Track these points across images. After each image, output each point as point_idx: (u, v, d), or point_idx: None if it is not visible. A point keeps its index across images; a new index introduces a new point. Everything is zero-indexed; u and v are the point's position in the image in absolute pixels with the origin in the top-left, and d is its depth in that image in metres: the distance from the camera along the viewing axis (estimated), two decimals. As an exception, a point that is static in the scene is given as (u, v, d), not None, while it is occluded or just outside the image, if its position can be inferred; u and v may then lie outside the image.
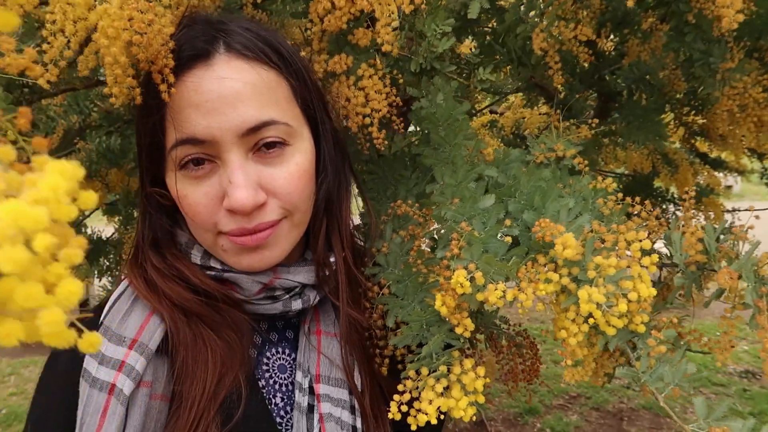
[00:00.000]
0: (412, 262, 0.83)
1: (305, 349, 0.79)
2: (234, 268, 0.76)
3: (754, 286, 0.78)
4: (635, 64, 1.37)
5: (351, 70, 0.85)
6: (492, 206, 0.81)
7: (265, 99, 0.70)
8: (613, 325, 0.68)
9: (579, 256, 0.71)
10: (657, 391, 0.69)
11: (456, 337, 0.76)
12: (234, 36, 0.71)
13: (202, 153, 0.69)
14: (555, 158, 0.96)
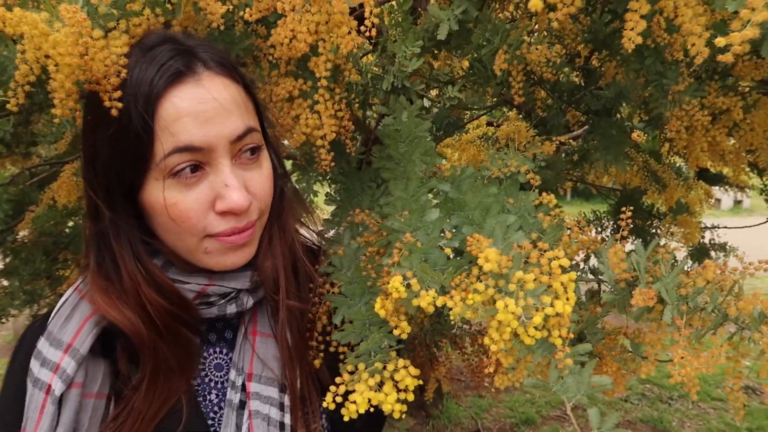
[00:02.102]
0: (362, 266, 0.88)
1: (241, 349, 0.83)
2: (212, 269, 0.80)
3: (675, 305, 0.81)
4: (611, 84, 1.41)
5: (308, 93, 0.90)
6: (437, 219, 0.86)
7: (243, 109, 0.77)
8: (531, 336, 0.72)
9: (506, 269, 0.75)
10: (567, 400, 0.73)
11: (394, 338, 0.82)
12: (204, 55, 0.75)
13: (196, 160, 0.73)
14: (510, 174, 1.01)
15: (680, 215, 2.04)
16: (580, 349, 0.76)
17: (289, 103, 0.89)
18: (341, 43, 0.82)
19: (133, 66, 0.71)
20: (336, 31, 0.83)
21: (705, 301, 0.82)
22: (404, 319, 0.79)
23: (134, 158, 0.73)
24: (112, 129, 0.72)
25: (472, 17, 1.08)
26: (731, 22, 0.66)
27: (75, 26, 0.62)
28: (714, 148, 1.30)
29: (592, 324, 0.93)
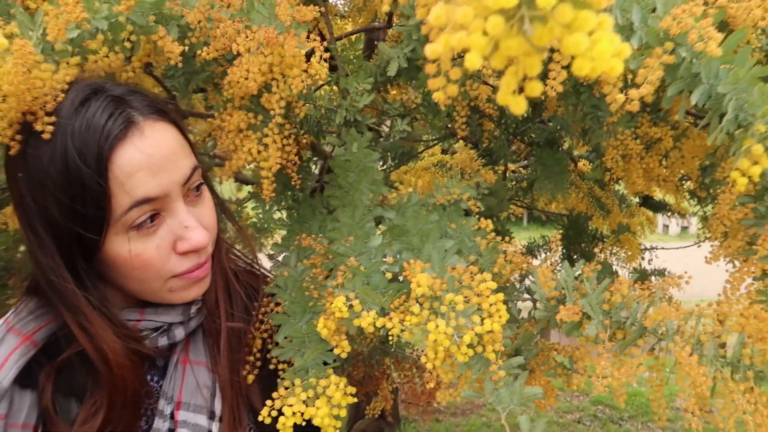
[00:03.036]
0: (306, 287, 0.91)
1: (172, 378, 0.83)
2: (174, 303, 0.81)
3: (599, 319, 0.87)
4: (553, 117, 1.48)
5: (258, 127, 0.93)
6: (379, 245, 0.90)
7: (186, 150, 0.78)
8: (465, 353, 0.76)
9: (440, 292, 0.79)
10: (501, 410, 0.77)
11: (331, 355, 0.85)
12: (138, 104, 0.74)
13: (154, 209, 0.73)
14: (453, 201, 1.06)
15: (622, 234, 2.13)
16: (513, 362, 0.80)
17: (240, 134, 0.92)
18: (292, 84, 0.85)
19: (70, 124, 0.69)
20: (288, 72, 0.87)
21: (626, 316, 0.88)
22: (345, 339, 0.82)
23: (91, 220, 0.71)
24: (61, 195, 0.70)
25: (420, 55, 1.13)
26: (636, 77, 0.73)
27: (21, 58, 0.64)
28: (649, 175, 1.38)
29: (528, 340, 0.97)
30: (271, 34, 0.83)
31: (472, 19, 0.29)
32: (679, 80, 0.74)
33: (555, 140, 1.56)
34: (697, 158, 1.34)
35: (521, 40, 0.30)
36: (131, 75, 0.86)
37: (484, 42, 0.29)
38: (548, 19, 0.30)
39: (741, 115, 0.69)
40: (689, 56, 0.71)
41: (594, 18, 0.29)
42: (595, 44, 0.29)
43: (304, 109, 0.95)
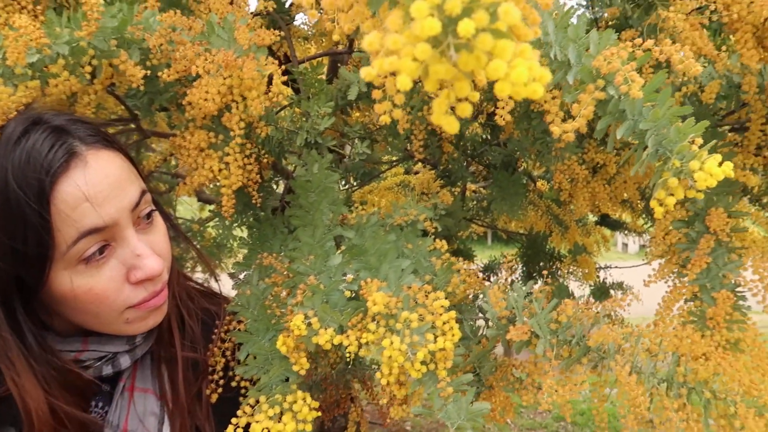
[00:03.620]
0: (268, 305, 0.93)
1: (117, 405, 0.81)
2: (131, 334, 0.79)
3: (546, 338, 0.91)
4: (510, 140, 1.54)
5: (219, 146, 0.96)
6: (339, 264, 0.93)
7: (132, 176, 0.76)
8: (418, 370, 0.79)
9: (395, 310, 0.82)
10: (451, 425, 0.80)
11: (294, 372, 0.86)
12: (80, 133, 0.73)
13: (103, 239, 0.71)
14: (411, 221, 1.09)
15: (579, 255, 2.20)
16: (463, 379, 0.83)
17: (201, 153, 0.94)
18: (251, 106, 0.88)
19: (9, 158, 0.67)
20: (247, 94, 0.90)
21: (572, 335, 0.92)
22: (304, 356, 0.84)
23: (33, 259, 0.68)
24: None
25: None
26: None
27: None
28: (595, 198, 1.45)
29: (482, 357, 1.01)
30: (230, 57, 0.85)
31: (401, 46, 0.32)
32: (608, 115, 0.79)
33: (511, 162, 1.61)
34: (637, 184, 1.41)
35: (448, 65, 0.33)
36: (93, 98, 0.87)
37: (413, 66, 0.32)
38: (472, 47, 0.32)
39: (660, 150, 0.75)
40: (616, 94, 0.77)
41: (512, 46, 0.32)
42: (512, 70, 0.33)
43: (265, 129, 0.97)
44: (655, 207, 0.69)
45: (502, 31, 0.33)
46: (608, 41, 0.79)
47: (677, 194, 0.68)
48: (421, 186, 2.03)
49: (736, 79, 1.22)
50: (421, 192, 1.93)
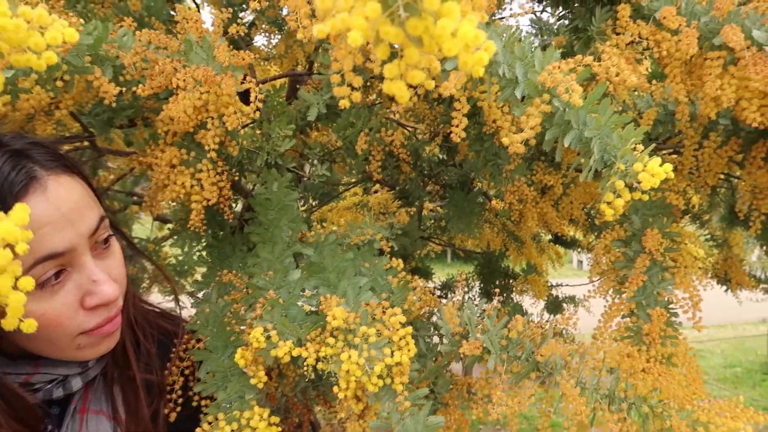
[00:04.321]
0: (227, 322, 0.95)
1: (68, 428, 0.80)
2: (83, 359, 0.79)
3: (497, 354, 0.95)
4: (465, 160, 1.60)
5: (191, 162, 0.98)
6: (298, 279, 0.95)
7: (91, 202, 0.76)
8: (375, 384, 0.82)
9: (354, 325, 0.85)
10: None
11: (253, 387, 0.88)
12: (40, 156, 0.72)
13: (60, 264, 0.70)
14: (367, 240, 1.13)
15: (530, 275, 2.28)
16: (419, 393, 0.87)
17: (173, 169, 0.96)
18: (227, 121, 0.91)
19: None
20: (223, 110, 0.93)
21: (521, 350, 0.97)
22: (262, 369, 0.86)
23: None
24: None
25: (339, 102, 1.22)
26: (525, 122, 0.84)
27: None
28: (544, 218, 1.53)
29: (435, 373, 1.04)
30: (210, 72, 0.88)
31: (353, 3, 0.34)
32: (555, 126, 0.85)
33: (467, 182, 1.68)
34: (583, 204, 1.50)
35: (398, 28, 0.35)
36: (62, 113, 0.88)
37: (364, 24, 0.34)
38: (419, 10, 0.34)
39: (605, 156, 0.81)
40: (561, 106, 0.83)
41: (457, 7, 0.34)
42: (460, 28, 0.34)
43: (235, 147, 1.00)
44: (605, 209, 0.74)
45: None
46: (551, 58, 0.85)
47: (624, 196, 0.73)
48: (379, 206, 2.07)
49: (671, 108, 1.32)
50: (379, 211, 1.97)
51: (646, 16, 1.20)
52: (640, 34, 1.18)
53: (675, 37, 1.12)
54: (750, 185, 1.36)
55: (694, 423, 0.88)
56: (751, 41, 1.05)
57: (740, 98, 1.08)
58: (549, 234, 3.13)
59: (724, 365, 6.85)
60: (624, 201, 0.75)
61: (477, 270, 2.44)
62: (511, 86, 0.86)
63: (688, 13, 1.14)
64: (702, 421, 0.86)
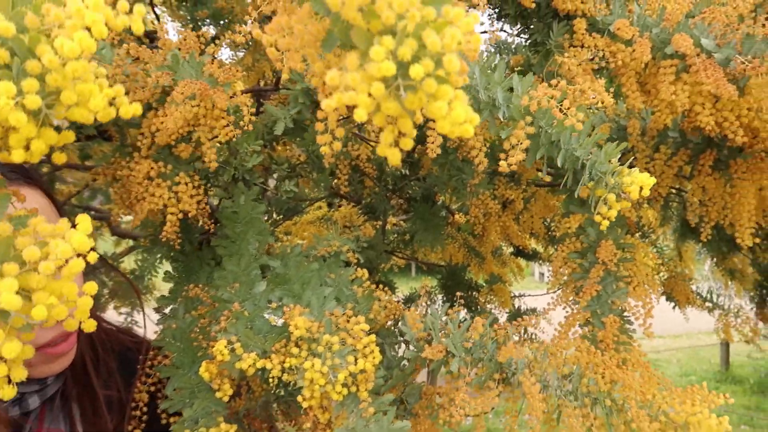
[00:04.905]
0: (194, 337, 0.95)
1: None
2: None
3: (461, 357, 0.99)
4: (429, 174, 1.64)
5: (169, 175, 0.99)
6: (263, 291, 0.97)
7: (51, 215, 0.77)
8: (339, 392, 0.84)
9: (317, 334, 0.87)
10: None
11: (221, 404, 0.88)
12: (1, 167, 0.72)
13: None
14: (334, 252, 1.15)
15: (495, 285, 2.34)
16: (384, 399, 0.89)
17: (151, 182, 0.97)
18: (219, 135, 0.93)
19: None
20: (215, 123, 0.94)
21: (484, 352, 1.00)
22: (227, 382, 0.86)
23: None
24: None
25: (306, 117, 1.24)
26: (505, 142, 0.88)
27: None
28: (506, 231, 1.58)
29: (402, 380, 1.07)
30: (205, 86, 0.91)
31: (359, 83, 0.40)
32: (542, 147, 0.90)
33: (430, 196, 1.72)
34: (543, 218, 1.56)
35: (396, 103, 0.40)
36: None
37: (369, 101, 0.40)
38: (417, 89, 0.40)
39: (593, 172, 0.87)
40: (546, 127, 0.89)
41: (451, 91, 0.40)
42: (452, 111, 0.40)
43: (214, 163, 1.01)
44: (600, 221, 0.80)
45: (444, 77, 0.41)
46: (529, 84, 0.90)
47: (615, 207, 0.79)
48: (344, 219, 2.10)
49: (623, 123, 1.39)
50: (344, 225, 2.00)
51: (601, 30, 1.27)
52: (597, 46, 1.25)
53: (629, 48, 1.19)
54: (699, 194, 1.44)
55: (656, 413, 0.92)
56: (700, 49, 1.13)
57: (694, 103, 1.15)
58: (511, 247, 3.21)
59: (679, 374, 7.07)
60: (616, 211, 0.81)
61: (440, 282, 2.49)
62: (488, 109, 0.91)
63: (640, 25, 1.21)
64: (664, 409, 0.90)
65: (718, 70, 1.07)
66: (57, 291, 0.42)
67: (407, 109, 0.41)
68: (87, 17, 0.42)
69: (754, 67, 1.03)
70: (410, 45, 0.39)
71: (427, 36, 0.39)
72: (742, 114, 1.14)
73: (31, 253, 0.40)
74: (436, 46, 0.39)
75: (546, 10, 1.34)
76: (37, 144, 0.42)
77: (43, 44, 0.42)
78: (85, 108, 0.44)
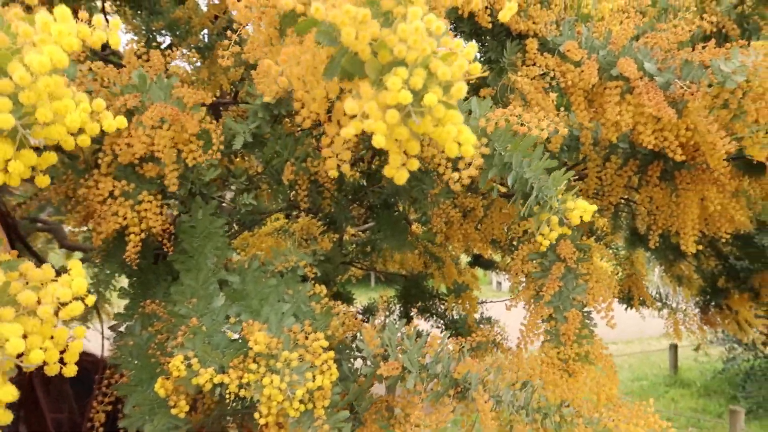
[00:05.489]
0: (152, 353, 0.95)
1: None
2: None
3: (416, 373, 1.01)
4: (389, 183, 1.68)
5: (131, 194, 0.99)
6: (222, 306, 0.98)
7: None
8: (296, 409, 0.85)
9: (276, 350, 0.89)
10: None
11: (180, 419, 0.89)
12: None
13: None
14: (291, 267, 1.16)
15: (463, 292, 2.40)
16: (340, 416, 0.91)
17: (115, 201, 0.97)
18: (187, 158, 0.93)
19: None
20: (183, 147, 0.95)
21: (440, 369, 1.03)
22: (183, 398, 0.87)
23: None
24: None
25: (265, 131, 1.25)
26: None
27: None
28: (468, 238, 1.63)
29: (359, 395, 1.08)
30: (176, 111, 0.91)
31: (375, 111, 0.44)
32: (495, 167, 0.94)
33: (391, 204, 1.75)
34: (503, 224, 1.62)
35: (407, 128, 0.45)
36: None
37: (384, 127, 0.44)
38: (426, 114, 0.44)
39: (540, 194, 0.91)
40: (499, 149, 0.93)
41: (459, 116, 0.44)
42: (461, 134, 0.45)
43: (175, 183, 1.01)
44: (541, 241, 0.85)
45: (450, 103, 0.45)
46: (487, 108, 0.95)
47: (557, 230, 0.85)
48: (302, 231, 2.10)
49: (576, 133, 1.46)
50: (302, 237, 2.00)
51: (551, 49, 1.33)
52: (547, 66, 1.31)
53: (578, 69, 1.25)
54: (647, 203, 1.53)
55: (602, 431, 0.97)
56: (643, 72, 1.20)
57: (637, 123, 1.22)
58: (468, 256, 3.27)
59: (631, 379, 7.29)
60: (557, 234, 0.86)
61: (399, 293, 2.52)
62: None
63: (588, 47, 1.28)
64: (609, 427, 0.96)
65: (659, 93, 1.14)
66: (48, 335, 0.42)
67: (415, 133, 0.46)
68: (54, 29, 0.43)
69: (692, 92, 1.11)
70: (420, 75, 0.43)
71: (436, 66, 0.43)
72: (680, 134, 1.22)
73: (27, 297, 0.41)
74: (446, 75, 0.43)
75: (500, 29, 1.40)
76: (15, 166, 0.43)
77: (14, 62, 0.42)
78: (63, 125, 0.44)
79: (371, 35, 0.43)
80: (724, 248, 2.55)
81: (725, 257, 2.60)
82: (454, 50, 0.45)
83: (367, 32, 0.44)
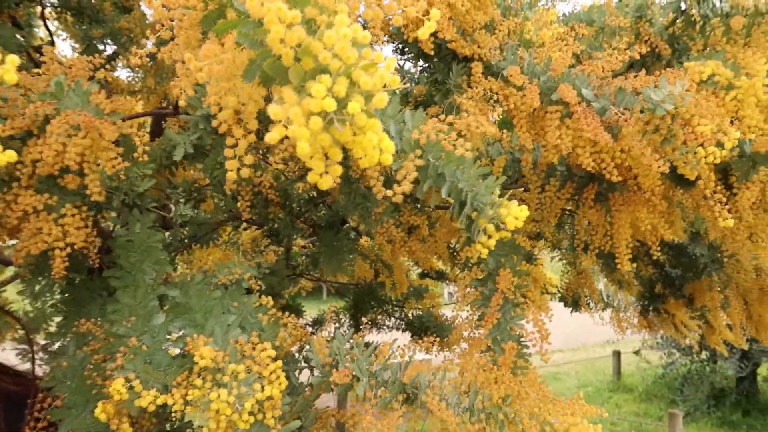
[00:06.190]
0: (87, 374, 0.92)
1: None
2: None
3: (366, 380, 1.02)
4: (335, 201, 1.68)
5: (54, 207, 0.95)
6: (162, 323, 0.95)
7: None
8: (246, 421, 0.84)
9: (223, 364, 0.87)
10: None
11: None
12: None
13: None
14: (236, 280, 1.15)
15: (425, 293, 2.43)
16: (290, 426, 0.90)
17: (37, 216, 0.93)
18: (106, 167, 0.90)
19: None
20: (101, 155, 0.92)
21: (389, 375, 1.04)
22: (126, 421, 0.84)
23: None
24: None
25: (206, 142, 1.23)
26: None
27: None
28: (412, 255, 1.65)
29: (306, 407, 1.08)
30: (89, 118, 0.88)
31: (299, 117, 0.44)
32: (429, 178, 0.96)
33: (335, 223, 1.75)
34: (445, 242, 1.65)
35: (329, 135, 0.45)
36: None
37: (307, 134, 0.45)
38: (348, 122, 0.45)
39: (475, 203, 0.93)
40: (433, 160, 0.95)
41: (380, 124, 0.46)
42: (382, 141, 0.47)
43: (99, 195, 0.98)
44: (480, 249, 0.86)
45: (371, 112, 0.47)
46: (420, 119, 0.96)
47: (495, 236, 0.85)
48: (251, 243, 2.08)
49: (517, 155, 1.51)
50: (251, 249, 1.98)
51: (495, 73, 1.38)
52: (491, 89, 1.35)
53: (520, 93, 1.30)
54: (584, 222, 1.59)
55: (543, 424, 1.00)
56: (581, 98, 1.25)
57: (576, 146, 1.27)
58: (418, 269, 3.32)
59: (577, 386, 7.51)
60: (495, 240, 0.88)
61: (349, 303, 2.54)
62: (383, 139, 0.96)
63: (529, 72, 1.33)
64: (548, 420, 0.99)
65: (596, 118, 1.20)
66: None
67: (337, 140, 0.47)
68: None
69: (626, 119, 1.17)
70: (343, 83, 0.45)
71: (358, 76, 0.45)
72: (616, 156, 1.28)
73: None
74: (367, 85, 0.45)
75: (446, 51, 1.43)
76: None
77: None
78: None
79: (297, 39, 0.44)
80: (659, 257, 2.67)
81: (661, 265, 2.73)
82: (376, 61, 0.47)
83: (293, 36, 0.45)
